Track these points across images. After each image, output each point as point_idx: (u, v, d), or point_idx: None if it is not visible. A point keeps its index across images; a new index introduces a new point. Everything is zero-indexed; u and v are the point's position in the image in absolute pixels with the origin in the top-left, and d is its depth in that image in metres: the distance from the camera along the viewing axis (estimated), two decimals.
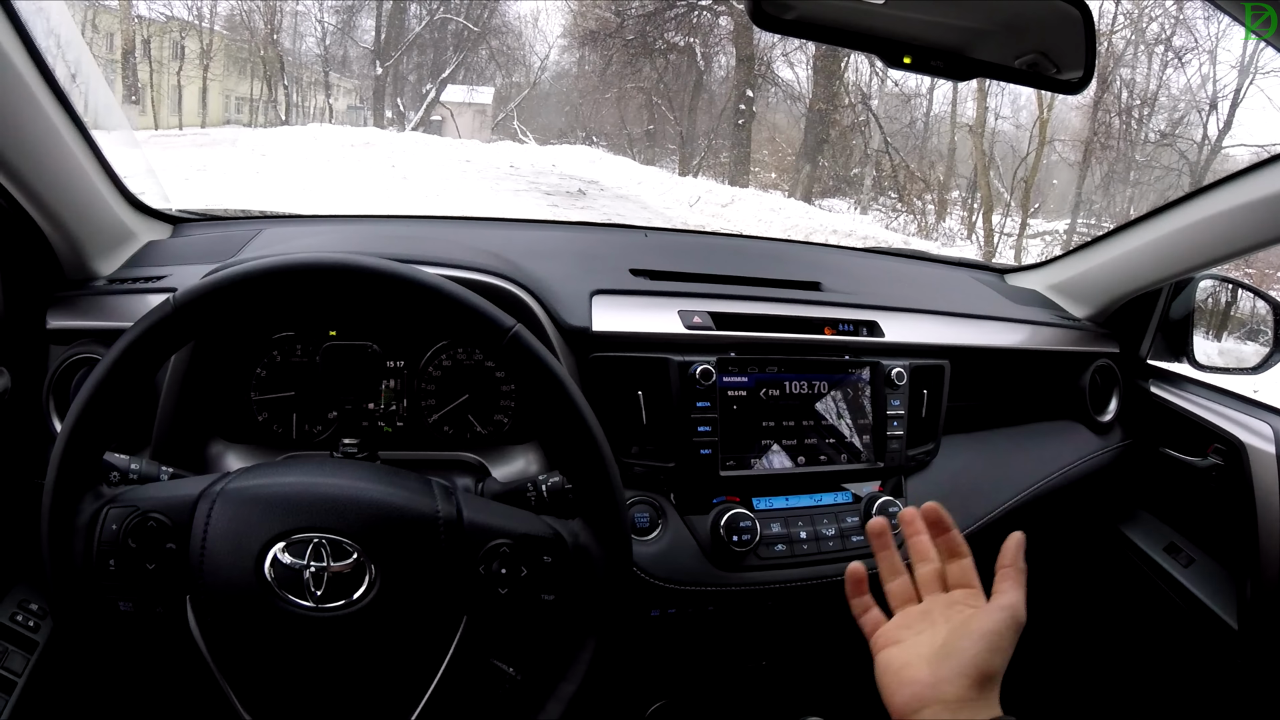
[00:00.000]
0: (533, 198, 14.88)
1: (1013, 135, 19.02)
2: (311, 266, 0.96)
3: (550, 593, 1.00)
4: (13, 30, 1.09)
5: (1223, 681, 1.67)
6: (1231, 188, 1.46)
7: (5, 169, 1.17)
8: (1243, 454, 1.58)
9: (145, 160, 2.24)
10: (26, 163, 1.19)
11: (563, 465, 1.17)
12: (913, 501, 1.50)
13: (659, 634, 1.49)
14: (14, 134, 1.15)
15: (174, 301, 0.94)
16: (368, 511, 0.93)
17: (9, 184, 1.19)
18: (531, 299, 1.35)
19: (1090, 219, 18.77)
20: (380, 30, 25.68)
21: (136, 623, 0.94)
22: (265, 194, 12.30)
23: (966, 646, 0.89)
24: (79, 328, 1.33)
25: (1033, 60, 1.05)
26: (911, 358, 1.53)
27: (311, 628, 0.91)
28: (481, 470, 1.41)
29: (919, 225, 18.40)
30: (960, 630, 0.92)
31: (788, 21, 0.91)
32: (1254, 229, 1.44)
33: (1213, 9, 0.84)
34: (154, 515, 0.92)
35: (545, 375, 0.99)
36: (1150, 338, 1.84)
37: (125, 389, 0.94)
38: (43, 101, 1.18)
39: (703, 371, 1.35)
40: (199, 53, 23.52)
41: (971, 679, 0.87)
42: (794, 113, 21.69)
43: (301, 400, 1.41)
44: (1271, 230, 1.42)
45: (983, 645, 0.88)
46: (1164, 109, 18.98)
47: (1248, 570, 1.57)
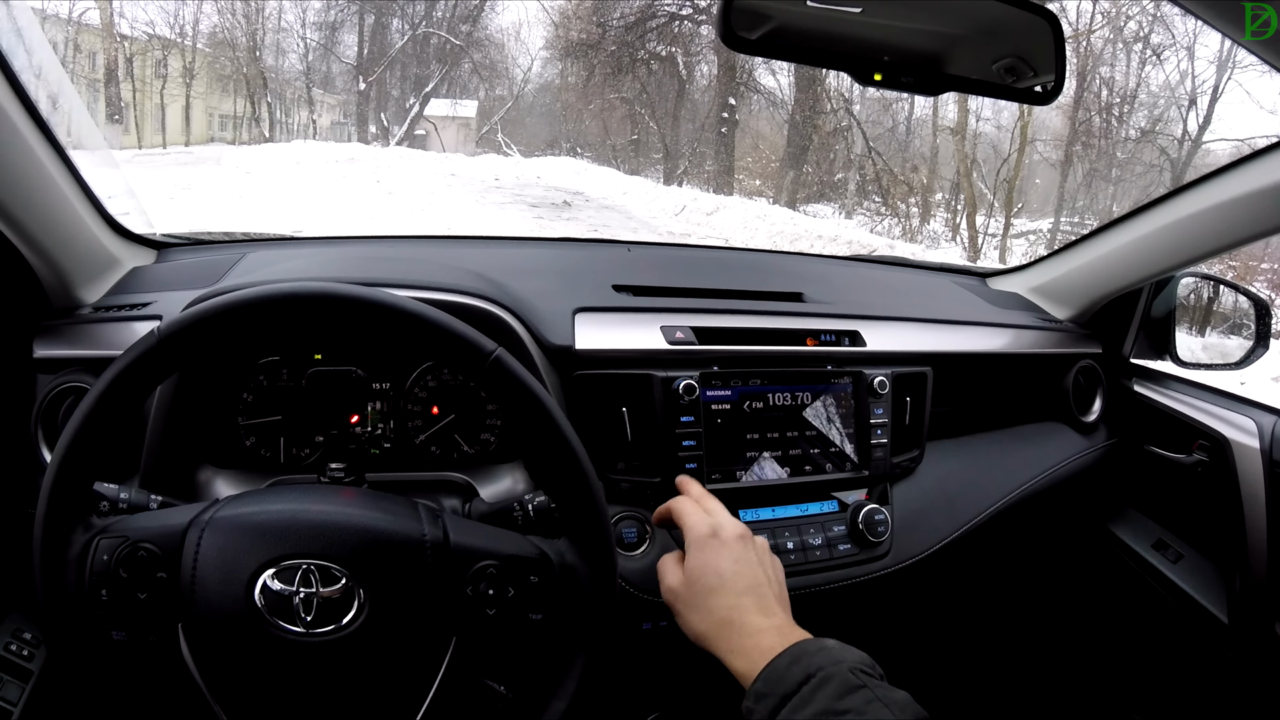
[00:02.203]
0: (518, 210, 14.88)
1: (994, 136, 19.14)
2: (294, 296, 0.96)
3: (538, 612, 1.00)
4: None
5: (1216, 676, 1.68)
6: (1210, 186, 1.46)
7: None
8: (1227, 450, 1.59)
9: (126, 182, 2.24)
10: (9, 192, 1.18)
11: (547, 486, 1.17)
12: (899, 508, 1.51)
13: (652, 646, 1.49)
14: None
15: (159, 333, 0.94)
16: (355, 537, 0.94)
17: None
18: (514, 319, 1.35)
19: (1074, 217, 18.90)
20: (363, 45, 25.75)
21: (130, 652, 0.93)
22: (251, 212, 12.28)
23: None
24: (65, 356, 1.33)
25: (1009, 65, 1.06)
26: (894, 366, 1.53)
27: (302, 653, 0.91)
28: (469, 490, 1.41)
29: (904, 228, 18.48)
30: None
31: (757, 42, 0.92)
32: (1233, 226, 1.45)
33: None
34: (144, 545, 0.92)
35: (527, 398, 0.99)
36: (1133, 337, 1.85)
37: (112, 420, 0.94)
38: (23, 131, 1.18)
39: (686, 386, 1.35)
40: (182, 70, 23.53)
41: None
42: (777, 119, 21.81)
43: (288, 425, 1.41)
44: (1250, 227, 1.42)
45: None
46: (1144, 106, 19.15)
47: (1236, 564, 1.58)
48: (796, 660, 0.92)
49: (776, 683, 0.90)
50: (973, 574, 1.90)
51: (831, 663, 0.90)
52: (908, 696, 0.88)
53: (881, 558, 1.46)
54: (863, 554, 1.45)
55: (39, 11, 19.66)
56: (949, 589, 1.86)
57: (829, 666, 0.89)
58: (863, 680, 0.87)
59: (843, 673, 0.88)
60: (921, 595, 1.79)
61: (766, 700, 0.90)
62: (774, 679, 0.91)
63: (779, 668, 0.92)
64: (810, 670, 0.89)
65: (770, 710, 0.89)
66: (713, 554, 1.06)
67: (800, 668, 0.90)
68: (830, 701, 0.86)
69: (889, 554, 1.47)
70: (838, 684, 0.87)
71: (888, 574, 1.47)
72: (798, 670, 0.90)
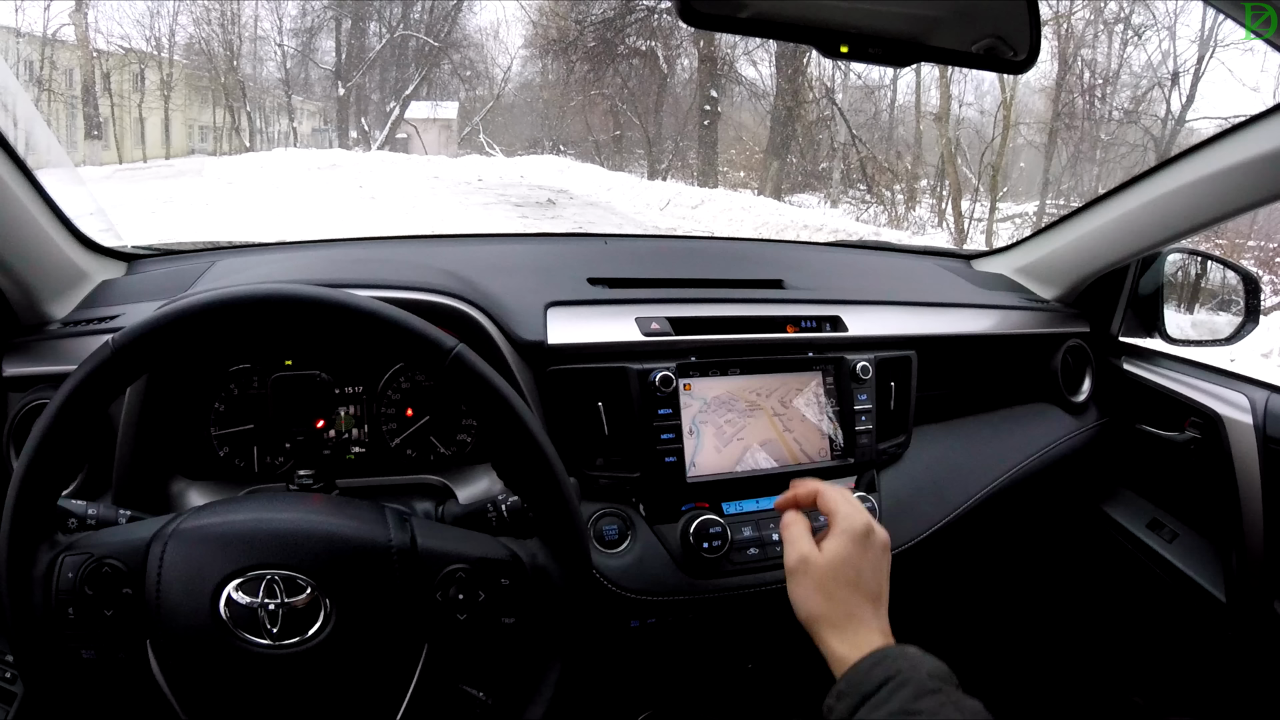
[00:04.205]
0: (502, 210, 14.90)
1: (978, 121, 19.19)
2: (246, 299, 0.94)
3: (510, 616, 0.98)
4: None
5: (1214, 655, 1.67)
6: (1194, 160, 1.45)
7: None
8: (1220, 426, 1.58)
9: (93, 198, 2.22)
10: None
11: (516, 486, 1.15)
12: (885, 496, 1.49)
13: (641, 644, 1.47)
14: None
15: (113, 345, 0.92)
16: (319, 545, 0.92)
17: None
18: (483, 316, 1.33)
19: (1059, 199, 18.98)
20: (340, 50, 25.75)
21: (100, 670, 0.92)
22: (233, 223, 12.26)
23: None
24: (34, 374, 1.32)
25: (989, 45, 1.03)
26: (877, 350, 1.51)
27: (271, 666, 0.89)
28: (445, 492, 1.39)
29: (889, 216, 18.54)
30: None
31: (719, 17, 0.89)
32: (1218, 200, 1.43)
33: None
34: (109, 561, 0.90)
35: (491, 396, 0.97)
36: (1120, 315, 1.83)
37: (73, 434, 0.92)
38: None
39: (662, 378, 1.33)
40: (160, 83, 23.51)
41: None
42: (759, 110, 21.85)
43: (261, 433, 1.39)
44: (1235, 200, 1.41)
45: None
46: (1126, 86, 19.23)
47: (1232, 542, 1.57)
48: (878, 663, 0.96)
49: (858, 684, 0.95)
50: (965, 560, 1.88)
51: (910, 667, 0.94)
52: (979, 706, 0.91)
53: None
54: None
55: (11, 29, 19.63)
56: (941, 576, 1.84)
57: (907, 670, 0.93)
58: (938, 685, 0.91)
59: (920, 677, 0.92)
60: (912, 583, 1.77)
61: (847, 699, 0.94)
62: (856, 680, 0.96)
63: (861, 669, 0.96)
64: (890, 673, 0.94)
65: (850, 709, 0.93)
66: (860, 552, 1.08)
67: (881, 670, 0.95)
68: (906, 703, 0.90)
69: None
70: (914, 687, 0.91)
71: None
72: (879, 672, 0.94)
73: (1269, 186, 1.35)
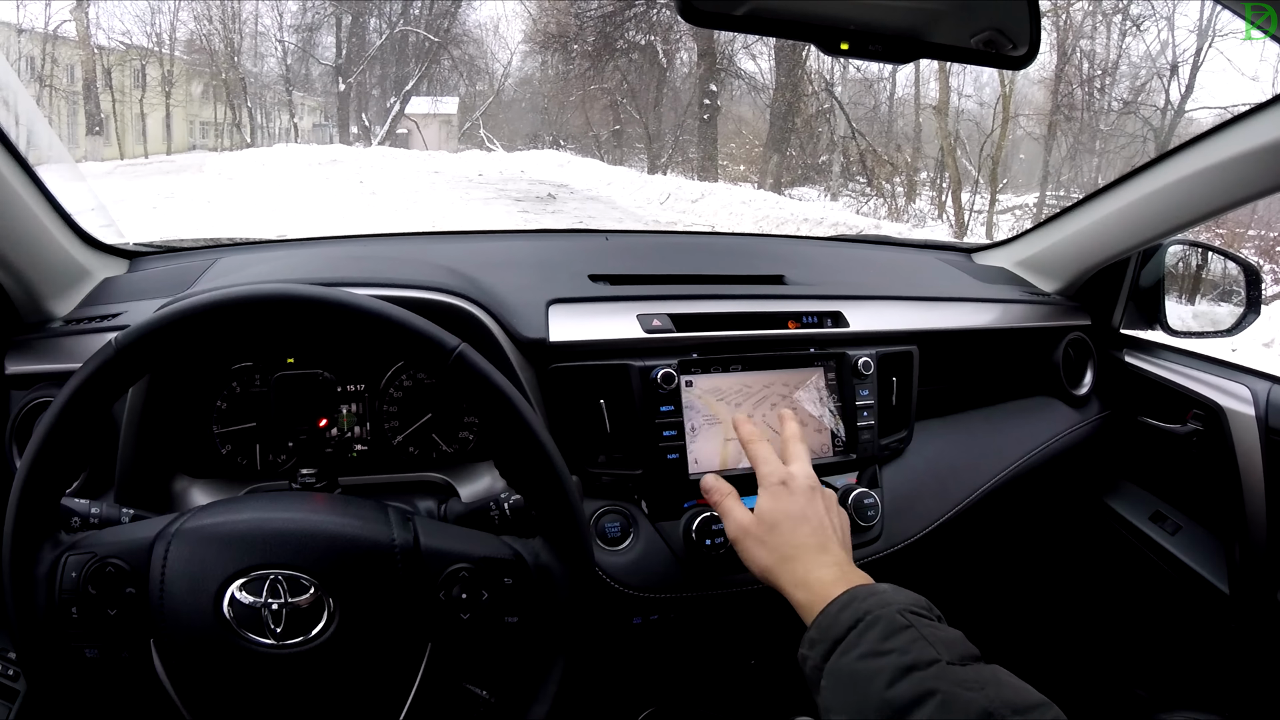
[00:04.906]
0: (503, 205, 14.89)
1: (977, 113, 19.19)
2: (249, 299, 0.94)
3: (514, 615, 0.98)
4: None
5: (1218, 647, 1.67)
6: (1194, 151, 1.44)
7: None
8: (1222, 418, 1.57)
9: (94, 194, 2.22)
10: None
11: (518, 484, 1.15)
12: (887, 491, 1.49)
13: (644, 641, 1.47)
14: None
15: (115, 344, 0.92)
16: (322, 544, 0.92)
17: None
18: (485, 314, 1.33)
19: (1059, 191, 18.98)
20: (341, 46, 25.74)
21: (104, 669, 0.92)
22: (234, 219, 12.26)
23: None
24: (37, 371, 1.32)
25: (990, 39, 1.03)
26: (878, 346, 1.50)
27: (275, 665, 0.89)
28: (448, 490, 1.39)
29: (889, 208, 18.52)
30: None
31: (720, 15, 0.89)
32: (1219, 191, 1.42)
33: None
34: (112, 560, 0.90)
35: (493, 395, 0.97)
36: (1121, 307, 1.83)
37: (77, 434, 0.92)
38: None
39: (664, 375, 1.32)
40: (160, 79, 23.51)
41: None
42: (759, 104, 21.87)
43: (263, 431, 1.38)
44: (1236, 191, 1.40)
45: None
46: (1125, 77, 19.22)
47: (1235, 534, 1.56)
48: (847, 605, 0.95)
49: (828, 628, 0.94)
50: (968, 555, 1.88)
51: (881, 605, 0.93)
52: (959, 635, 0.91)
53: (873, 542, 1.44)
54: (853, 539, 1.42)
55: (13, 25, 19.62)
56: (943, 571, 1.83)
57: (878, 609, 0.93)
58: (910, 620, 0.90)
59: (891, 614, 0.91)
60: (915, 578, 1.76)
61: (819, 646, 0.94)
62: (826, 625, 0.95)
63: (831, 614, 0.96)
64: (859, 614, 0.93)
65: (822, 655, 0.93)
66: (783, 499, 1.13)
67: (850, 612, 0.94)
68: (876, 643, 0.89)
69: (880, 538, 1.44)
70: (884, 625, 0.90)
71: (879, 558, 1.44)
72: (848, 615, 0.94)
73: (1269, 178, 1.34)
